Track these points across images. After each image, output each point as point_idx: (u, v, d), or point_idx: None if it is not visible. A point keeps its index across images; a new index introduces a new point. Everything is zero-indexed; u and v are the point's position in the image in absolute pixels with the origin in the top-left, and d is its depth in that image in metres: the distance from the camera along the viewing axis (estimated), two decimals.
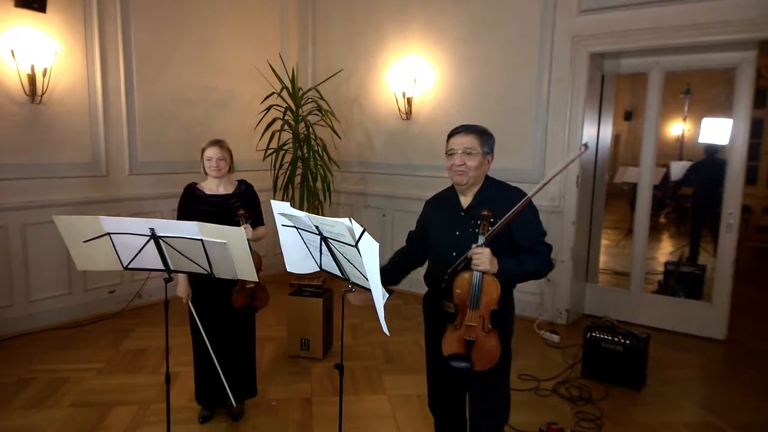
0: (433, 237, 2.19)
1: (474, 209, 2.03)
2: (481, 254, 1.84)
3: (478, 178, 2.07)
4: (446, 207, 2.15)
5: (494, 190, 2.09)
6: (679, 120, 7.65)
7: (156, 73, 4.94)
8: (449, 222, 2.09)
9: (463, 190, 2.09)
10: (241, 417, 3.01)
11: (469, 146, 2.04)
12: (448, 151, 2.10)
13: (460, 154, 2.03)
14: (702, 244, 6.56)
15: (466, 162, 2.02)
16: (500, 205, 1.93)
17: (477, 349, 1.92)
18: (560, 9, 4.47)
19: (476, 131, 2.09)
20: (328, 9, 6.03)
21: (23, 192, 4.18)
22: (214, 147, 2.86)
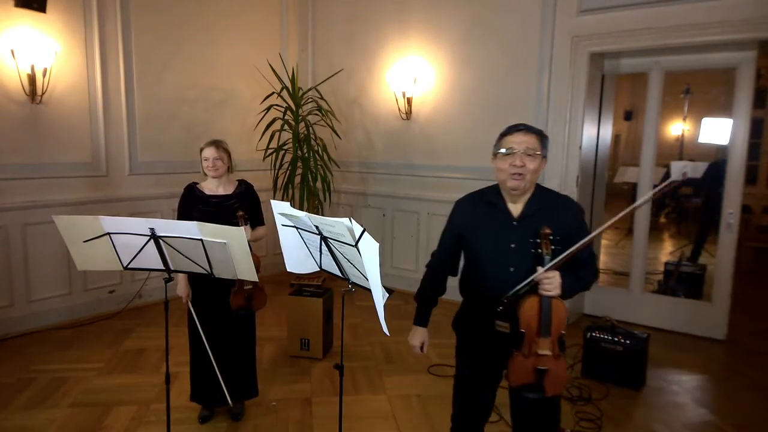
0: (478, 246, 1.94)
1: (528, 220, 1.84)
2: (552, 279, 1.72)
3: (531, 184, 1.87)
4: (492, 213, 1.92)
5: (546, 199, 1.90)
6: (679, 120, 7.65)
7: (156, 72, 4.94)
8: (499, 231, 1.88)
9: (515, 196, 1.88)
10: (241, 417, 3.01)
11: (531, 147, 1.82)
12: (502, 151, 1.86)
13: (521, 154, 1.80)
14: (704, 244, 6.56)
15: (526, 164, 1.80)
16: (554, 216, 1.81)
17: (550, 376, 1.79)
18: (560, 9, 4.47)
19: (537, 132, 1.87)
20: (328, 9, 6.03)
21: (23, 192, 4.18)
22: (211, 147, 2.86)
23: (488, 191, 2.00)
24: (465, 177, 5.14)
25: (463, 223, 2.02)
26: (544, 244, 1.75)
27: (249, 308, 2.92)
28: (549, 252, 1.74)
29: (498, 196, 1.94)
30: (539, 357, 1.77)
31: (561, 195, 1.99)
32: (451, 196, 5.18)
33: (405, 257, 5.62)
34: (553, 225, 1.78)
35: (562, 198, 1.96)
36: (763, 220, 7.28)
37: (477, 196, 2.05)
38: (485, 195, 2.00)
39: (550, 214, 1.83)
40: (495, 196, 1.95)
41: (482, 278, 1.92)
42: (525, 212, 1.87)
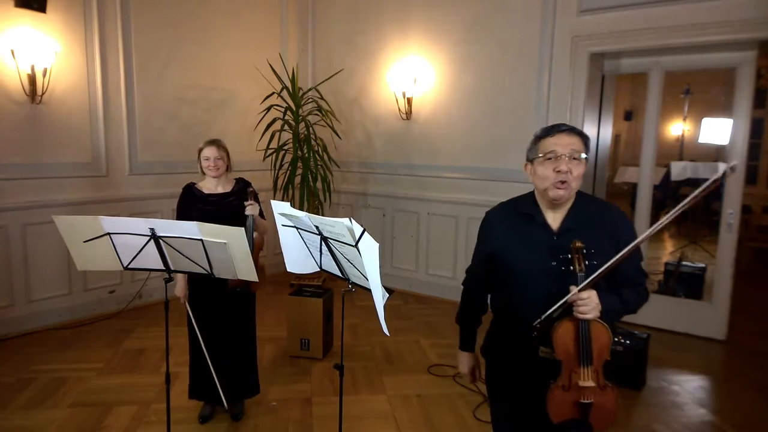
0: (513, 265, 1.68)
1: (570, 233, 1.60)
2: (588, 300, 1.50)
3: (575, 191, 1.64)
4: (529, 226, 1.68)
5: (589, 208, 1.68)
6: (679, 120, 7.66)
7: (156, 72, 4.94)
8: (539, 247, 1.64)
9: (556, 205, 1.65)
10: (241, 417, 3.01)
11: (577, 149, 1.58)
12: (543, 154, 1.60)
13: (567, 159, 1.56)
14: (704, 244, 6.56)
15: (572, 169, 1.57)
16: (596, 226, 1.61)
17: (596, 411, 1.57)
18: (560, 9, 4.47)
19: (580, 132, 1.63)
20: (328, 9, 6.03)
21: (23, 192, 4.18)
22: (212, 147, 2.87)
23: (522, 201, 1.75)
24: (465, 177, 5.15)
25: (493, 240, 1.76)
26: (576, 259, 1.54)
27: (246, 286, 2.78)
28: (582, 269, 1.53)
29: (535, 207, 1.69)
30: (582, 389, 1.56)
31: (605, 203, 1.76)
32: (451, 196, 5.25)
33: (405, 257, 5.62)
34: (597, 237, 1.59)
35: (606, 206, 1.73)
36: (763, 220, 7.28)
37: (509, 206, 1.78)
38: (519, 205, 1.74)
39: (591, 224, 1.62)
40: (532, 207, 1.70)
41: (520, 302, 1.68)
42: (567, 224, 1.64)
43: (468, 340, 1.97)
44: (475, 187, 5.08)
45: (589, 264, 1.54)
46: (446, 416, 3.11)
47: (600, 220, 1.65)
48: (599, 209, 1.69)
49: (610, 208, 1.72)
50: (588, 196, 1.74)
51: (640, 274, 1.71)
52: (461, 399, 3.30)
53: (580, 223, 1.63)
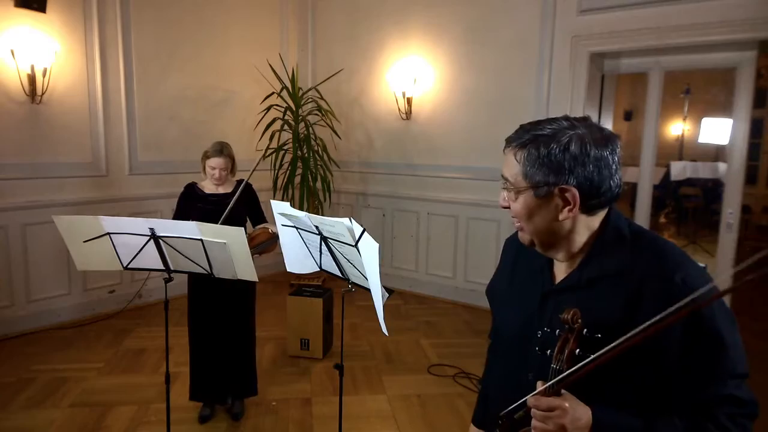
0: (497, 325, 1.23)
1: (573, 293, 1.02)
2: (550, 415, 0.90)
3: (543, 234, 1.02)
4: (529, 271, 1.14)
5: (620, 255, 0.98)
6: (679, 120, 7.66)
7: (156, 72, 4.94)
8: (528, 301, 1.10)
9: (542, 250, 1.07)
10: (241, 417, 3.01)
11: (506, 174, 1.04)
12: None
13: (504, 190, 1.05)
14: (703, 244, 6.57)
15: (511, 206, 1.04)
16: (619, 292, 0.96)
17: None
18: (560, 9, 4.47)
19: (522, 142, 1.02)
20: (328, 9, 6.03)
21: (23, 192, 4.18)
22: (219, 158, 2.84)
23: None
24: (465, 177, 5.15)
25: (494, 278, 1.29)
26: (561, 338, 0.94)
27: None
28: (568, 357, 0.92)
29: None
30: None
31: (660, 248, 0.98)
32: (451, 196, 5.26)
33: (405, 257, 5.62)
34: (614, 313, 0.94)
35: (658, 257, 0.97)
36: (763, 220, 7.28)
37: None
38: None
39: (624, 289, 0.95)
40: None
41: (490, 376, 1.27)
42: (573, 277, 1.03)
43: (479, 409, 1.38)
44: (475, 187, 5.08)
45: (581, 357, 0.91)
46: (446, 416, 3.11)
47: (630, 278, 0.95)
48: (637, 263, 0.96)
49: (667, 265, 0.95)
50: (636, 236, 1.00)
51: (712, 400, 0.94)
52: (461, 399, 3.30)
53: (597, 281, 0.99)
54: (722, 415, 0.92)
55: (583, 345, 0.92)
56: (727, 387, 0.96)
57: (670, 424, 0.91)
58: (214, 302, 2.88)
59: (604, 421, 0.89)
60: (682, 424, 0.91)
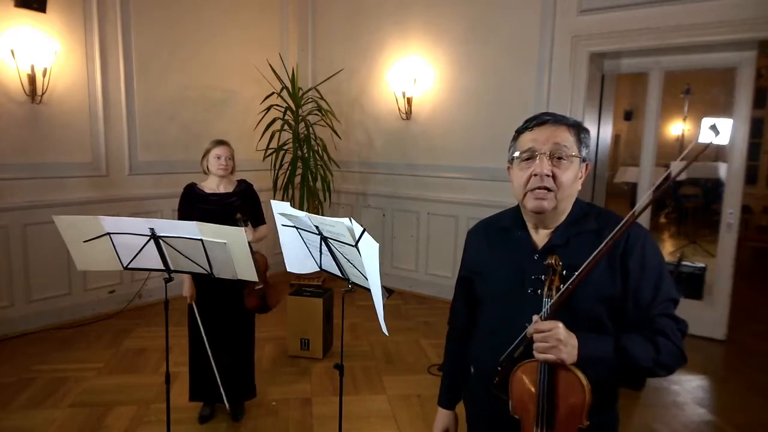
0: (485, 291, 1.40)
1: (556, 251, 1.25)
2: (547, 333, 1.12)
3: (566, 202, 1.27)
4: (508, 244, 1.36)
5: (590, 222, 1.29)
6: (679, 120, 7.66)
7: (156, 72, 4.94)
8: (514, 268, 1.31)
9: (541, 219, 1.30)
10: (241, 417, 3.01)
11: (562, 143, 1.23)
12: (518, 154, 1.28)
13: (549, 159, 1.22)
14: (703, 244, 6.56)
15: (555, 173, 1.22)
16: (594, 245, 1.18)
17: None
18: (560, 9, 4.47)
19: (573, 124, 1.28)
20: (328, 9, 6.03)
21: (23, 192, 4.18)
22: (223, 146, 2.91)
23: (505, 214, 1.44)
24: (465, 177, 5.15)
25: (470, 261, 1.49)
26: (548, 280, 1.18)
27: (265, 306, 2.94)
28: (552, 293, 1.17)
29: (516, 220, 1.37)
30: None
31: (612, 213, 1.33)
32: (451, 196, 5.25)
33: (405, 257, 5.62)
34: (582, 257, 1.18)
35: (612, 217, 1.29)
36: (763, 220, 7.28)
37: (489, 221, 1.48)
38: (500, 219, 1.44)
39: (595, 244, 1.18)
40: (513, 220, 1.37)
41: (488, 339, 1.36)
42: (553, 240, 1.28)
43: (446, 392, 1.58)
44: (475, 187, 5.08)
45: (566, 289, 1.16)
46: None
47: (600, 236, 1.21)
48: (603, 224, 1.26)
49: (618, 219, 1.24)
50: (597, 209, 1.33)
51: (659, 316, 1.21)
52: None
53: (572, 240, 1.26)
54: (667, 329, 1.20)
55: (564, 281, 1.18)
56: (668, 307, 1.23)
57: (632, 338, 1.18)
58: (214, 303, 2.88)
59: (586, 340, 1.15)
60: (639, 336, 1.19)
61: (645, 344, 1.17)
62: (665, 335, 1.18)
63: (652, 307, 1.21)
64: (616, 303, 1.22)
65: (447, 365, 1.61)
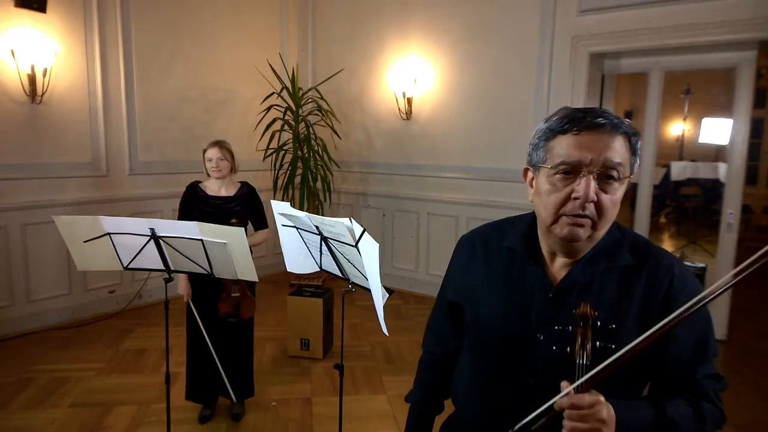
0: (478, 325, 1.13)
1: (576, 293, 1.00)
2: (586, 412, 0.86)
3: (605, 230, 0.99)
4: (512, 271, 1.09)
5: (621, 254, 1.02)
6: (679, 120, 7.66)
7: (156, 72, 4.94)
8: (518, 308, 1.05)
9: (568, 249, 1.01)
10: (241, 417, 3.01)
11: (617, 159, 0.94)
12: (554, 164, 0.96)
13: (598, 178, 0.93)
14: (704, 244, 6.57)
15: (601, 198, 0.93)
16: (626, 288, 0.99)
17: None
18: (560, 9, 4.47)
19: (628, 131, 0.98)
20: (328, 9, 6.03)
21: (23, 192, 4.18)
22: (214, 148, 2.88)
23: (513, 227, 1.13)
24: (465, 177, 5.15)
25: (459, 282, 1.19)
26: (580, 336, 0.93)
27: (237, 315, 2.87)
28: (588, 355, 0.92)
29: (527, 241, 1.08)
30: None
31: (654, 249, 1.05)
32: (451, 196, 5.25)
33: (405, 257, 5.62)
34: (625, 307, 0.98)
35: (654, 254, 1.03)
36: (763, 220, 7.28)
37: (492, 232, 1.17)
38: (506, 232, 1.13)
39: (626, 285, 0.99)
40: (523, 239, 1.09)
41: (477, 382, 1.13)
42: (574, 276, 1.01)
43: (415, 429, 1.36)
44: (475, 187, 5.08)
45: (602, 348, 0.92)
46: (445, 416, 3.10)
47: (636, 277, 0.99)
48: (639, 258, 1.01)
49: (660, 258, 1.02)
50: (631, 236, 1.06)
51: (707, 380, 1.01)
52: None
53: (601, 278, 1.00)
54: (710, 391, 1.01)
55: (599, 337, 0.93)
56: (712, 366, 1.04)
57: (677, 408, 0.96)
58: (212, 302, 2.87)
59: (624, 416, 0.90)
60: (685, 405, 0.97)
61: (691, 414, 0.96)
62: (710, 400, 0.99)
63: (698, 369, 1.00)
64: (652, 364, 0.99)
65: (418, 394, 1.35)
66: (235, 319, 2.88)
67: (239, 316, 2.89)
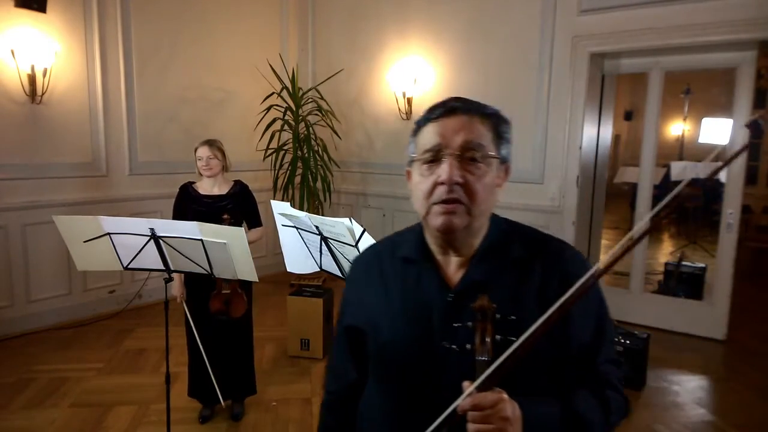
0: (381, 349, 1.04)
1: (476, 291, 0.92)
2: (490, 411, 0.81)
3: (483, 217, 0.98)
4: (409, 281, 1.03)
5: (514, 246, 1.00)
6: (679, 120, 7.67)
7: (156, 72, 4.94)
8: (420, 319, 0.99)
9: (450, 242, 0.99)
10: (241, 417, 3.01)
11: (476, 140, 0.93)
12: (418, 154, 0.98)
13: (459, 160, 0.92)
14: (703, 244, 6.57)
15: (468, 180, 0.92)
16: (523, 279, 0.97)
17: None
18: (560, 9, 4.47)
19: (488, 113, 0.98)
20: (328, 9, 6.03)
21: (23, 192, 4.18)
22: (204, 146, 2.88)
23: (405, 237, 1.10)
24: None
25: (357, 305, 1.11)
26: (479, 328, 0.88)
27: (226, 313, 2.84)
28: (489, 350, 0.86)
29: (421, 246, 1.04)
30: None
31: (545, 237, 1.06)
32: None
33: None
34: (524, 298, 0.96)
35: (548, 243, 1.04)
36: (763, 220, 7.28)
37: (387, 246, 1.14)
38: (398, 244, 1.10)
39: (523, 276, 0.98)
40: (414, 247, 1.05)
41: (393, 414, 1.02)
42: (471, 274, 0.98)
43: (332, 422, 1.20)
44: None
45: (503, 342, 0.86)
46: None
47: (530, 268, 0.98)
48: (533, 248, 1.00)
49: (551, 245, 1.03)
50: (511, 225, 1.04)
51: (607, 364, 1.00)
52: None
53: (497, 273, 0.98)
54: (614, 378, 0.99)
55: (499, 330, 0.88)
56: (612, 350, 1.02)
57: (582, 400, 0.94)
58: (207, 302, 2.87)
59: (530, 413, 0.86)
60: (590, 396, 0.95)
61: (597, 404, 0.95)
62: (614, 387, 0.98)
63: (599, 354, 0.99)
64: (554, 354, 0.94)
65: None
66: (225, 317, 2.85)
67: (229, 314, 2.85)
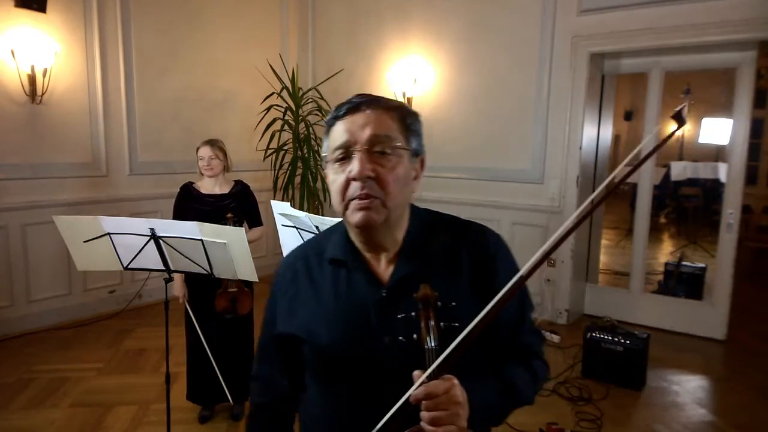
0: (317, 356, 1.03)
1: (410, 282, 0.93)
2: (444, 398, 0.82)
3: (400, 209, 0.99)
4: (340, 283, 1.02)
5: (436, 234, 1.03)
6: None
7: (156, 72, 4.94)
8: (356, 319, 0.98)
9: (370, 237, 0.99)
10: (241, 417, 3.01)
11: (386, 134, 0.95)
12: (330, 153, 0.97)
13: (365, 155, 0.93)
14: (704, 244, 6.57)
15: (380, 174, 0.93)
16: (452, 264, 1.00)
17: None
18: (560, 9, 4.47)
19: (395, 106, 1.00)
20: (328, 9, 6.03)
21: (23, 192, 4.18)
22: (206, 146, 2.89)
23: (327, 238, 1.09)
24: (464, 177, 5.14)
25: (287, 311, 1.07)
26: (423, 317, 0.89)
27: (233, 311, 2.86)
28: (435, 338, 0.87)
29: (347, 246, 1.03)
30: None
31: (462, 222, 1.08)
32: (451, 196, 5.25)
33: None
34: (456, 283, 0.98)
35: (466, 226, 1.07)
36: (763, 220, 7.28)
37: (312, 248, 1.11)
38: (323, 246, 1.07)
39: (452, 261, 1.00)
40: (341, 247, 1.03)
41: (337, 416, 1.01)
42: (401, 268, 0.99)
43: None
44: (474, 187, 5.08)
45: (447, 328, 0.88)
46: None
47: (457, 254, 1.00)
48: (454, 233, 1.03)
49: (472, 230, 1.06)
50: (432, 214, 1.07)
51: (531, 336, 1.08)
52: None
53: (426, 264, 0.98)
54: (536, 345, 1.08)
55: (443, 317, 0.90)
56: (530, 320, 1.09)
57: (514, 371, 1.01)
58: (210, 301, 2.87)
59: (473, 392, 0.88)
60: (520, 367, 1.02)
61: (526, 373, 1.02)
62: (537, 355, 1.06)
63: (523, 325, 1.06)
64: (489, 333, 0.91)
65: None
66: (231, 315, 2.86)
67: (236, 312, 2.87)
